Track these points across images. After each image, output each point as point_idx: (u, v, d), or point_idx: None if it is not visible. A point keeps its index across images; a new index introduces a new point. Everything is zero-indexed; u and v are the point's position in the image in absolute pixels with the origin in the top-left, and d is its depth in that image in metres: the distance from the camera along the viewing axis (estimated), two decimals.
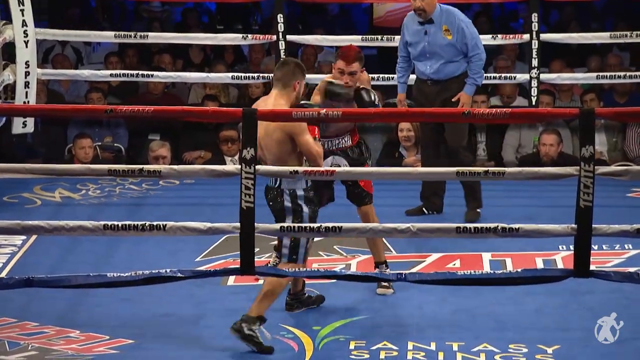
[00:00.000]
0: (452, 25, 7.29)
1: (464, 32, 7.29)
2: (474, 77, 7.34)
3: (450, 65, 7.34)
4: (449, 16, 7.30)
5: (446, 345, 5.39)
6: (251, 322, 5.35)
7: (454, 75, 7.36)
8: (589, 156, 4.88)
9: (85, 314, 5.81)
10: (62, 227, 5.10)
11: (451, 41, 7.29)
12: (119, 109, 5.15)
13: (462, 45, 7.29)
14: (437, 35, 7.30)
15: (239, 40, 8.94)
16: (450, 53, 7.32)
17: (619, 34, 8.90)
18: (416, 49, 7.36)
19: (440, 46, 7.31)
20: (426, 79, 7.39)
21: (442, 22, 7.29)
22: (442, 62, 7.33)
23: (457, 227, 5.10)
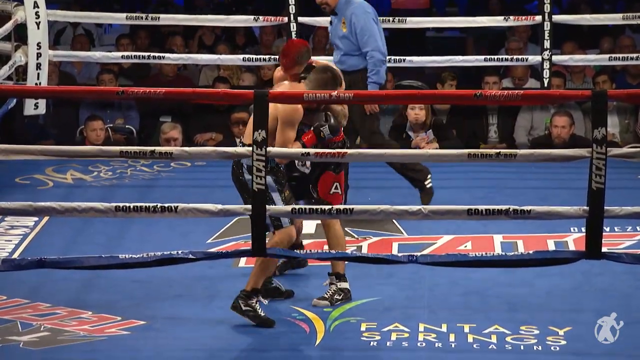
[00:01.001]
0: (347, 19, 7.21)
1: (355, 25, 7.17)
2: (371, 76, 7.18)
3: (351, 58, 7.23)
4: (348, 9, 7.21)
5: (457, 327, 5.39)
6: (247, 297, 5.42)
7: (357, 68, 7.22)
8: (601, 138, 4.87)
9: (97, 295, 5.83)
10: (74, 209, 5.10)
11: (345, 34, 7.20)
12: (130, 91, 5.15)
13: (355, 40, 7.18)
14: (337, 27, 7.26)
15: (250, 22, 8.92)
16: (346, 46, 7.21)
17: (631, 15, 8.86)
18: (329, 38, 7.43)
19: (339, 38, 7.25)
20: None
21: (342, 14, 7.22)
22: (342, 53, 7.25)
23: (468, 209, 5.09)
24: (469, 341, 5.24)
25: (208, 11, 11.17)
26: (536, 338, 5.26)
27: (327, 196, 5.82)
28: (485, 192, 7.79)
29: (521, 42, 10.27)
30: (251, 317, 5.43)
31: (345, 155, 5.21)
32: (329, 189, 5.83)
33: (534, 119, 9.45)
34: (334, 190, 5.84)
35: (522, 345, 5.20)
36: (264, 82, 9.77)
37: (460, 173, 7.94)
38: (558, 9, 11.62)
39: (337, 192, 5.84)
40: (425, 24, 9.43)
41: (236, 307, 5.44)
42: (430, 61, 8.85)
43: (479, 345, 5.21)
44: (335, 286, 5.76)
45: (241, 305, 5.44)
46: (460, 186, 7.82)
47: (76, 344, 5.22)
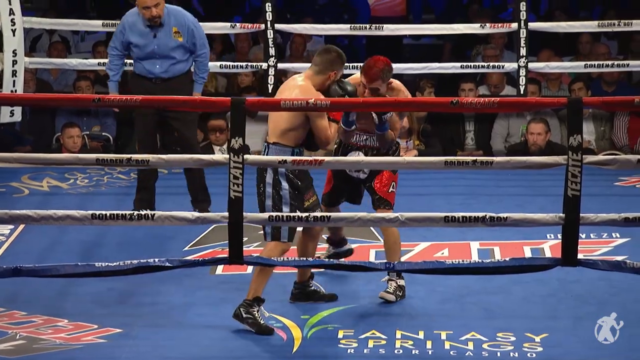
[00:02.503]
0: (182, 27, 7.24)
1: (193, 32, 7.25)
2: (203, 76, 7.35)
3: (179, 65, 7.29)
4: (177, 17, 7.25)
5: (434, 334, 5.40)
6: (248, 305, 5.44)
7: (182, 72, 7.31)
8: (577, 145, 4.89)
9: (74, 304, 5.80)
10: (50, 217, 5.09)
11: (182, 43, 7.24)
12: (107, 98, 5.14)
13: (191, 45, 7.26)
14: (167, 38, 7.23)
15: (227, 29, 8.92)
16: (180, 54, 7.26)
17: (606, 22, 8.92)
18: (144, 50, 7.26)
19: (171, 48, 7.25)
20: (153, 77, 7.27)
21: (171, 24, 7.23)
22: (173, 62, 7.27)
23: (445, 217, 5.10)
24: (445, 348, 5.25)
25: None
26: (513, 345, 5.27)
27: (387, 195, 5.90)
28: (462, 199, 7.82)
29: (497, 49, 10.31)
30: (250, 324, 5.43)
31: (323, 162, 5.21)
32: (388, 187, 5.91)
33: (511, 126, 9.48)
34: (392, 189, 5.91)
35: (498, 352, 5.21)
36: (239, 89, 9.76)
37: (438, 180, 7.96)
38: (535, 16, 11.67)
39: (394, 191, 5.91)
40: (401, 31, 9.45)
41: (237, 315, 5.46)
42: (407, 68, 8.87)
43: (456, 352, 5.22)
44: (396, 283, 5.82)
45: (242, 312, 5.45)
46: (437, 193, 7.84)
47: (52, 352, 5.19)
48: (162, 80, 7.26)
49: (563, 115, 8.96)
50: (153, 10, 7.14)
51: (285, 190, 5.52)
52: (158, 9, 7.16)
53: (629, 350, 5.19)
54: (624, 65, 9.14)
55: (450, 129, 9.52)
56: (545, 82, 9.86)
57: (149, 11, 7.15)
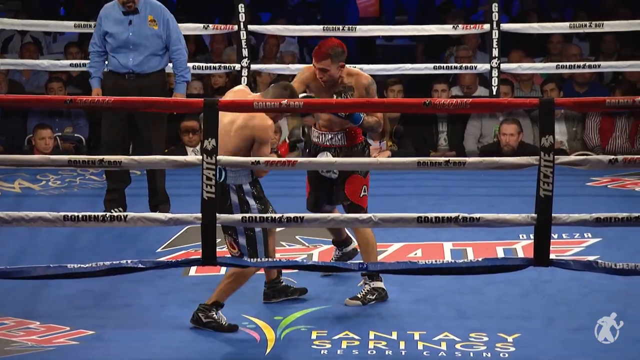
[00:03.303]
0: (158, 16, 7.25)
1: (169, 23, 7.25)
2: (183, 74, 7.32)
3: (153, 59, 7.28)
4: (153, 7, 7.27)
5: (407, 334, 5.40)
6: (206, 309, 5.44)
7: (156, 69, 7.29)
8: (549, 146, 4.91)
9: (46, 305, 5.78)
10: (22, 218, 5.06)
11: (157, 32, 7.23)
12: (79, 100, 5.12)
13: (166, 37, 7.25)
14: (142, 26, 7.23)
15: (200, 30, 8.90)
16: (155, 45, 7.24)
17: (578, 23, 8.96)
18: (118, 39, 7.24)
19: (146, 37, 7.24)
20: (126, 72, 7.25)
21: (147, 12, 7.24)
22: (147, 54, 7.25)
23: (418, 217, 5.11)
24: (419, 348, 5.26)
25: None
26: (485, 345, 5.29)
27: (359, 200, 5.90)
28: (435, 199, 7.84)
29: (470, 50, 10.35)
30: (213, 327, 5.43)
31: (296, 163, 5.21)
32: (359, 192, 5.90)
33: (483, 127, 9.51)
34: (363, 193, 5.91)
35: (471, 352, 5.23)
36: (213, 90, 9.75)
37: (411, 180, 7.97)
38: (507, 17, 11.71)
39: (366, 194, 5.92)
40: (374, 32, 9.46)
41: (197, 320, 5.45)
42: (380, 69, 8.89)
43: (429, 352, 5.23)
44: (369, 286, 5.80)
45: (201, 318, 5.44)
46: (410, 194, 7.86)
47: (24, 354, 5.17)
48: (136, 76, 7.22)
49: (535, 116, 9.00)
50: None
51: (254, 208, 5.45)
52: None
53: (601, 350, 5.22)
54: (596, 66, 9.18)
55: (423, 129, 9.54)
56: (518, 83, 9.90)
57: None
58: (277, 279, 5.87)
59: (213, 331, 5.41)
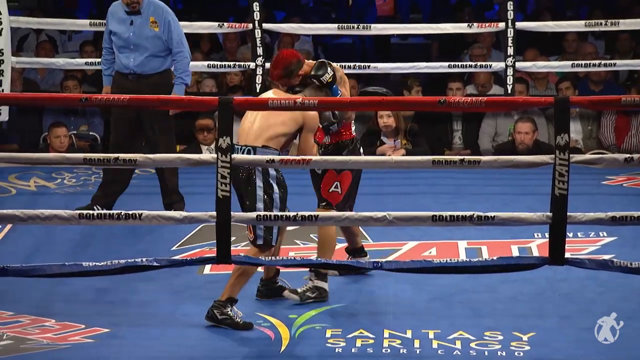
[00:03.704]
0: (159, 18, 7.21)
1: (170, 25, 7.21)
2: (182, 77, 7.25)
3: (155, 60, 7.24)
4: (156, 8, 7.23)
5: (422, 333, 5.40)
6: (222, 306, 5.45)
7: (158, 70, 7.26)
8: (564, 144, 4.90)
9: (61, 303, 5.79)
10: (37, 216, 5.07)
11: (157, 33, 7.20)
12: (94, 98, 5.13)
13: (168, 39, 7.21)
14: (143, 27, 7.21)
15: (214, 28, 8.91)
16: (156, 46, 7.21)
17: (593, 22, 8.94)
18: (120, 38, 7.22)
19: (147, 38, 7.21)
20: (128, 72, 7.23)
21: (149, 13, 7.21)
22: (147, 54, 7.21)
23: (432, 216, 5.11)
24: (433, 347, 5.25)
25: None
26: (500, 344, 5.28)
27: (326, 194, 5.89)
28: (449, 198, 7.83)
29: (485, 49, 10.33)
30: (228, 324, 5.43)
31: (310, 161, 5.21)
32: (329, 187, 5.90)
33: (498, 125, 9.49)
34: (334, 189, 5.89)
35: (486, 350, 5.22)
36: (227, 88, 9.76)
37: (425, 179, 7.96)
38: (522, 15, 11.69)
39: (337, 191, 5.89)
40: (389, 30, 9.46)
41: (212, 317, 5.46)
42: (395, 67, 8.88)
43: (444, 351, 5.22)
44: (312, 283, 5.78)
45: (217, 314, 5.45)
46: (424, 192, 7.85)
47: (39, 352, 5.18)
48: (138, 76, 7.21)
49: (550, 115, 8.97)
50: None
51: (276, 194, 5.53)
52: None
53: (616, 349, 5.20)
54: (611, 65, 9.16)
55: (438, 128, 9.53)
56: (533, 81, 9.88)
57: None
58: (273, 278, 5.87)
59: (228, 328, 5.42)
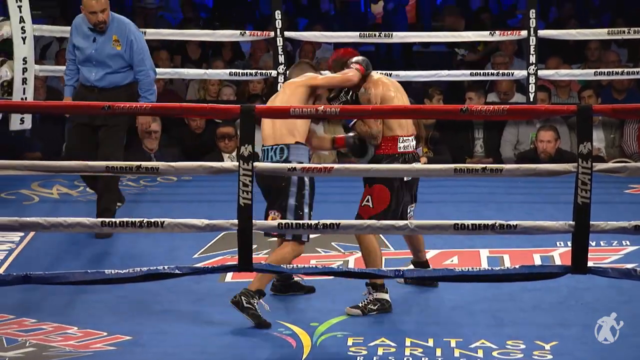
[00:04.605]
0: (122, 36, 7.19)
1: (132, 45, 7.18)
2: (146, 96, 7.21)
3: (116, 76, 7.22)
4: (120, 26, 7.20)
5: (444, 341, 5.39)
6: (250, 295, 5.50)
7: (120, 84, 7.23)
8: (587, 153, 4.88)
9: (83, 311, 5.81)
10: (60, 224, 5.09)
11: (120, 52, 7.18)
12: (116, 106, 5.15)
13: (129, 58, 7.20)
14: (105, 45, 7.18)
15: (237, 36, 8.93)
16: (117, 63, 7.19)
17: (616, 30, 8.91)
18: (83, 53, 7.20)
19: (109, 56, 7.18)
20: (90, 85, 7.23)
21: (112, 31, 7.18)
22: (109, 71, 7.20)
23: (454, 224, 5.10)
24: (455, 356, 5.24)
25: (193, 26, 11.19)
26: (522, 353, 5.26)
27: (360, 207, 5.93)
28: (471, 206, 7.81)
29: (507, 57, 10.31)
30: (251, 315, 5.49)
31: (332, 169, 5.20)
32: (363, 201, 5.93)
33: (520, 134, 9.47)
34: (365, 202, 5.92)
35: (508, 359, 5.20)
36: (249, 96, 9.77)
37: (447, 187, 7.94)
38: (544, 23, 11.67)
39: (368, 205, 5.89)
40: (410, 38, 9.46)
41: (237, 302, 5.50)
42: (417, 75, 8.88)
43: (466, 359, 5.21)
44: (372, 296, 5.78)
45: (243, 301, 5.50)
46: (446, 200, 7.83)
47: (62, 359, 5.20)
48: (101, 90, 7.21)
49: (573, 123, 8.95)
50: (99, 15, 7.10)
51: (307, 190, 5.67)
52: (104, 14, 7.11)
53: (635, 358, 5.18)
54: (634, 73, 9.12)
55: (459, 136, 9.51)
56: (555, 89, 9.85)
57: (95, 16, 7.10)
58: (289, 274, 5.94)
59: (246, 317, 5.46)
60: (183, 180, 8.41)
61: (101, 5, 7.10)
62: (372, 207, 5.88)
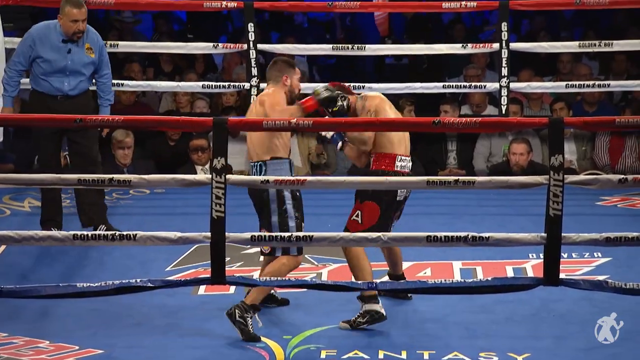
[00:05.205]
0: (94, 44, 7.24)
1: (102, 50, 7.28)
2: (109, 98, 7.35)
3: (85, 82, 7.29)
4: (90, 34, 7.24)
5: (417, 353, 5.39)
6: (244, 309, 5.51)
7: (85, 90, 7.30)
8: (559, 165, 4.91)
9: (55, 324, 5.77)
10: (32, 237, 5.07)
11: (93, 59, 7.24)
12: (88, 119, 5.14)
13: (98, 64, 7.28)
14: (80, 54, 7.21)
15: (209, 49, 8.92)
16: (89, 70, 7.26)
17: (587, 43, 8.96)
18: (54, 65, 7.17)
19: (84, 64, 7.22)
20: (58, 94, 7.21)
21: (85, 40, 7.20)
22: (82, 79, 7.24)
23: (427, 236, 5.11)
24: None
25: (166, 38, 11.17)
26: None
27: (349, 221, 5.88)
28: (444, 218, 7.82)
29: (479, 69, 10.35)
30: (241, 329, 5.50)
31: (305, 182, 5.21)
32: (352, 215, 5.89)
33: (493, 146, 9.50)
34: (354, 217, 5.87)
35: None
36: (222, 109, 9.76)
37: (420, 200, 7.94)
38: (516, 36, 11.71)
39: (357, 220, 5.84)
40: (383, 51, 9.47)
41: (231, 314, 5.52)
42: (390, 88, 8.89)
43: None
44: (362, 309, 5.76)
45: (236, 314, 5.51)
46: (419, 213, 7.83)
47: None
48: (66, 97, 7.21)
49: (545, 135, 8.98)
50: (80, 24, 7.11)
51: (288, 204, 5.65)
52: (84, 24, 7.13)
53: None
54: (605, 86, 9.17)
55: (432, 148, 9.53)
56: (527, 102, 9.90)
57: (76, 25, 7.09)
58: None
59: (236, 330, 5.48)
60: (156, 192, 8.38)
61: (83, 15, 7.10)
62: (361, 223, 5.84)
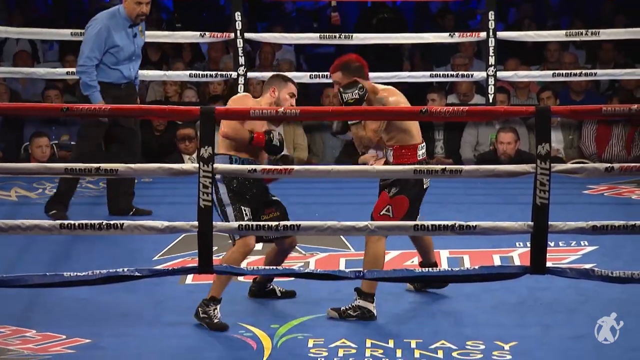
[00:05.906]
0: (143, 26, 7.33)
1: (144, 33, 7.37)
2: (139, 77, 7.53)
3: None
4: None
5: (404, 342, 5.40)
6: (205, 305, 5.56)
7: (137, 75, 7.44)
8: (545, 154, 4.92)
9: (42, 314, 5.77)
10: (18, 227, 5.06)
11: (144, 40, 7.37)
12: (75, 107, 5.12)
13: None
14: (139, 37, 7.29)
15: (196, 38, 8.91)
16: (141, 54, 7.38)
17: (574, 32, 8.98)
18: (126, 52, 7.21)
19: (141, 47, 7.34)
20: (122, 82, 7.27)
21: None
22: (139, 61, 7.35)
23: (414, 225, 5.11)
24: (415, 356, 5.25)
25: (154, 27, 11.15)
26: (482, 353, 5.28)
27: (377, 216, 5.75)
28: (431, 207, 7.79)
29: (466, 58, 10.36)
30: (206, 323, 5.54)
31: (292, 171, 5.20)
32: (380, 210, 5.76)
33: (480, 135, 9.52)
34: (385, 212, 5.74)
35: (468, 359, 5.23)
36: (209, 98, 9.75)
37: None
38: (503, 25, 11.73)
39: (388, 214, 5.73)
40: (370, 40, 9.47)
41: (196, 314, 5.58)
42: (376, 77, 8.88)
43: None
44: (355, 302, 5.73)
45: (199, 312, 5.56)
46: None
47: None
48: (127, 84, 7.24)
49: (532, 124, 9.01)
50: (144, 7, 7.12)
51: (223, 193, 5.64)
52: (148, 6, 7.15)
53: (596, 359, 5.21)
54: (592, 74, 9.20)
55: None
56: (514, 90, 9.91)
57: (140, 7, 7.11)
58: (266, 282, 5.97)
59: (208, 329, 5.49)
60: (143, 182, 8.37)
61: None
62: (392, 217, 5.73)
